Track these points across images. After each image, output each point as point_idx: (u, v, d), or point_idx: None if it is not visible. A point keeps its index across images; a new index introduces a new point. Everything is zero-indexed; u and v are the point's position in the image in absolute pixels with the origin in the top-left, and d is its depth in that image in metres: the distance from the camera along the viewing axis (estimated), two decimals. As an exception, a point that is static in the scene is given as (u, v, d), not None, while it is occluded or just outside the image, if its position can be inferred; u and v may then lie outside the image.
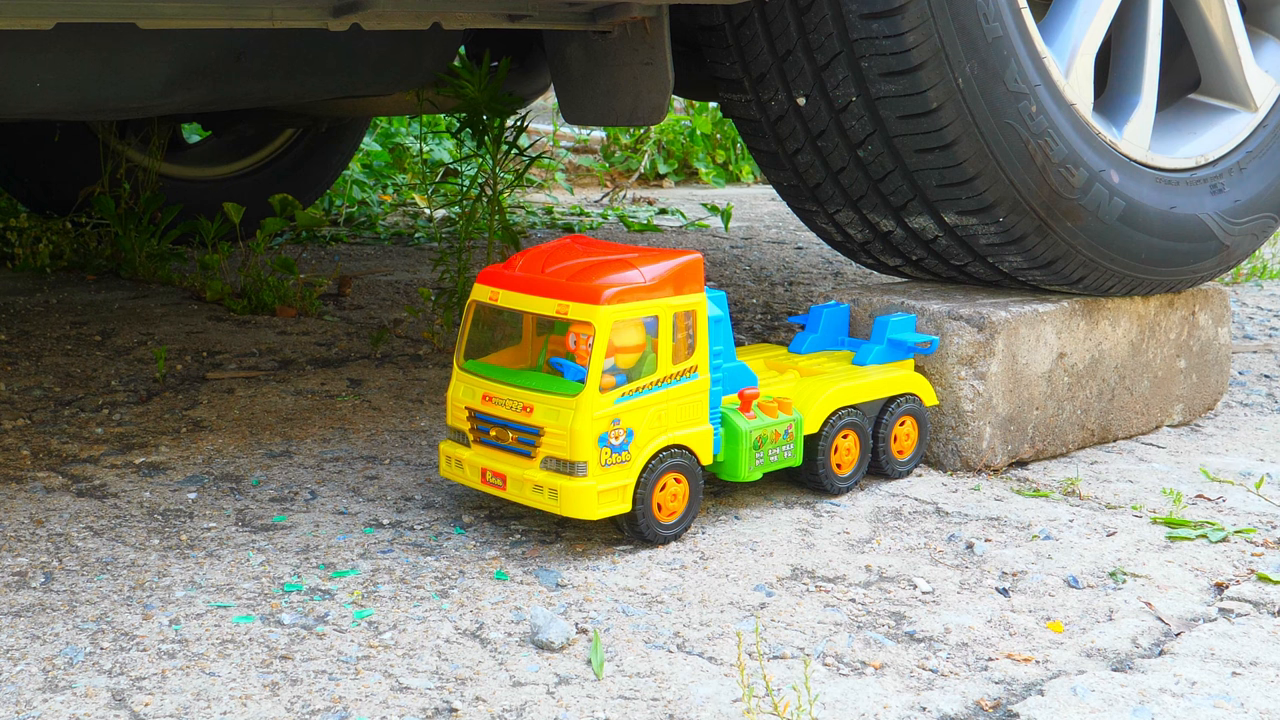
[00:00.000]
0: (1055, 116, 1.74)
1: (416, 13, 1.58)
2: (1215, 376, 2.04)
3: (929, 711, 1.15)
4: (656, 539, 1.47)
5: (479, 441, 1.50)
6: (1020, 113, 1.71)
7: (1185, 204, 1.89)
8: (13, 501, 1.58)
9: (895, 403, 1.69)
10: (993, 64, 1.68)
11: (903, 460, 1.72)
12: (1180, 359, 1.98)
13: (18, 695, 1.13)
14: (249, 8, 1.47)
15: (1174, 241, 1.87)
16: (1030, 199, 1.74)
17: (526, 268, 1.49)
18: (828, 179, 1.84)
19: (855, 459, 1.65)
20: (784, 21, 1.73)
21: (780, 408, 1.56)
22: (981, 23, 1.66)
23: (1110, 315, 1.87)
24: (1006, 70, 1.69)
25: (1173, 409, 1.99)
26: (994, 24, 1.67)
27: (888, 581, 1.43)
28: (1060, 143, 1.74)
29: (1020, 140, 1.71)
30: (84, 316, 2.51)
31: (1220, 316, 2.03)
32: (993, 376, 1.74)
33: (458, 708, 1.13)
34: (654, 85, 1.76)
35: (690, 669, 1.21)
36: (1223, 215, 1.93)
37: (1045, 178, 1.73)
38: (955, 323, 1.74)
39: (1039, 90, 1.72)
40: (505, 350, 1.53)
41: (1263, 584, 1.44)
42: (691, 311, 1.46)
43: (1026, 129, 1.71)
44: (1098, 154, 1.79)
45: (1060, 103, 1.76)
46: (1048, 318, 1.80)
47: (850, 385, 1.64)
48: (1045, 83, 1.74)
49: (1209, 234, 1.91)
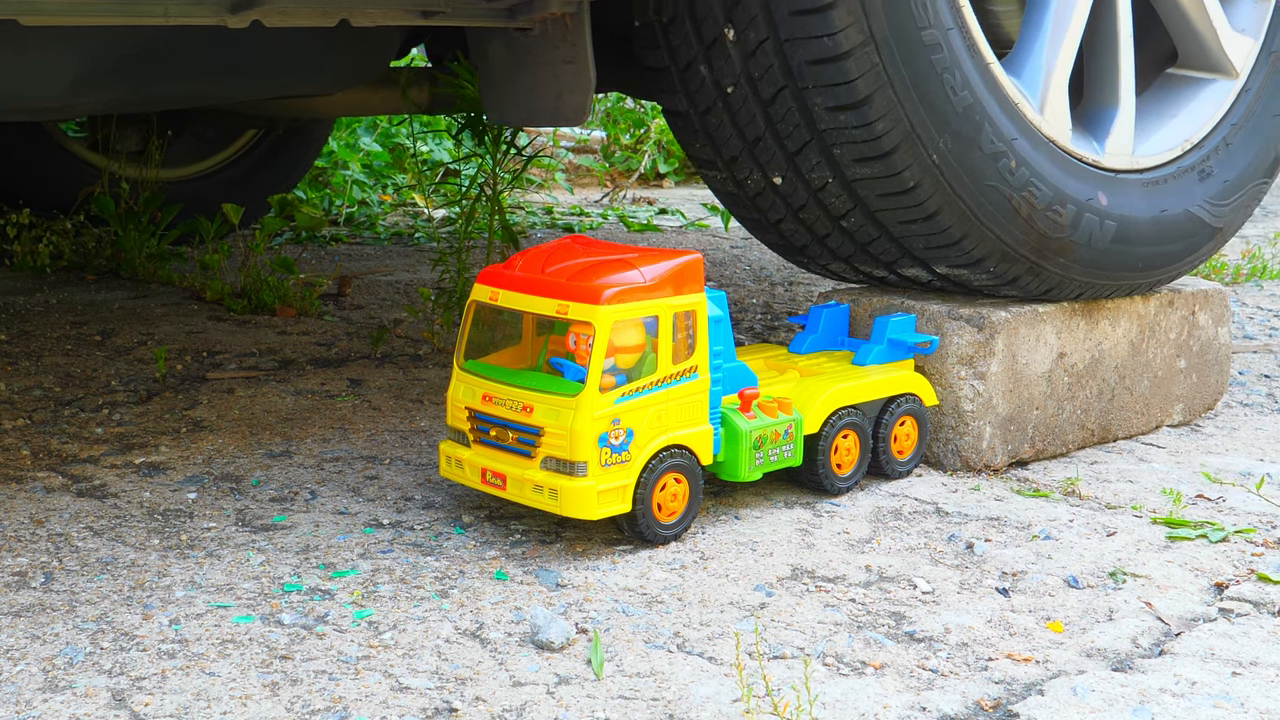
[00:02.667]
0: (1036, 163, 1.72)
1: (320, 9, 1.53)
2: (1215, 376, 2.04)
3: (929, 711, 1.15)
4: (656, 539, 1.47)
5: (479, 442, 1.50)
6: (1000, 171, 1.68)
7: (1175, 203, 1.88)
8: (13, 501, 1.58)
9: (895, 403, 1.69)
10: (967, 133, 1.65)
11: (903, 460, 1.71)
12: (1180, 359, 1.98)
13: (18, 695, 1.13)
14: (140, 4, 1.41)
15: (1167, 244, 1.87)
16: (1019, 247, 1.72)
17: (526, 268, 1.49)
18: (814, 242, 1.82)
19: (855, 459, 1.65)
20: (750, 112, 1.70)
21: (780, 408, 1.56)
22: (950, 96, 1.63)
23: (1110, 315, 1.87)
24: (981, 135, 1.66)
25: (1173, 409, 1.99)
26: (963, 94, 1.64)
27: (888, 581, 1.43)
28: (1044, 187, 1.72)
29: (1003, 197, 1.69)
30: (84, 316, 2.51)
31: (1220, 316, 2.03)
32: (993, 376, 1.74)
33: (458, 708, 1.13)
34: (576, 84, 1.71)
35: (690, 669, 1.21)
36: (1212, 201, 1.92)
37: (1032, 225, 1.72)
38: (955, 323, 1.74)
39: (1016, 144, 1.70)
40: (505, 350, 1.53)
41: (1263, 584, 1.44)
42: (691, 311, 1.46)
43: (1008, 185, 1.69)
44: (1083, 182, 1.77)
45: (1039, 144, 1.73)
46: (1048, 317, 1.80)
47: (850, 385, 1.64)
48: (1023, 132, 1.71)
49: (1200, 225, 1.91)
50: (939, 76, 1.62)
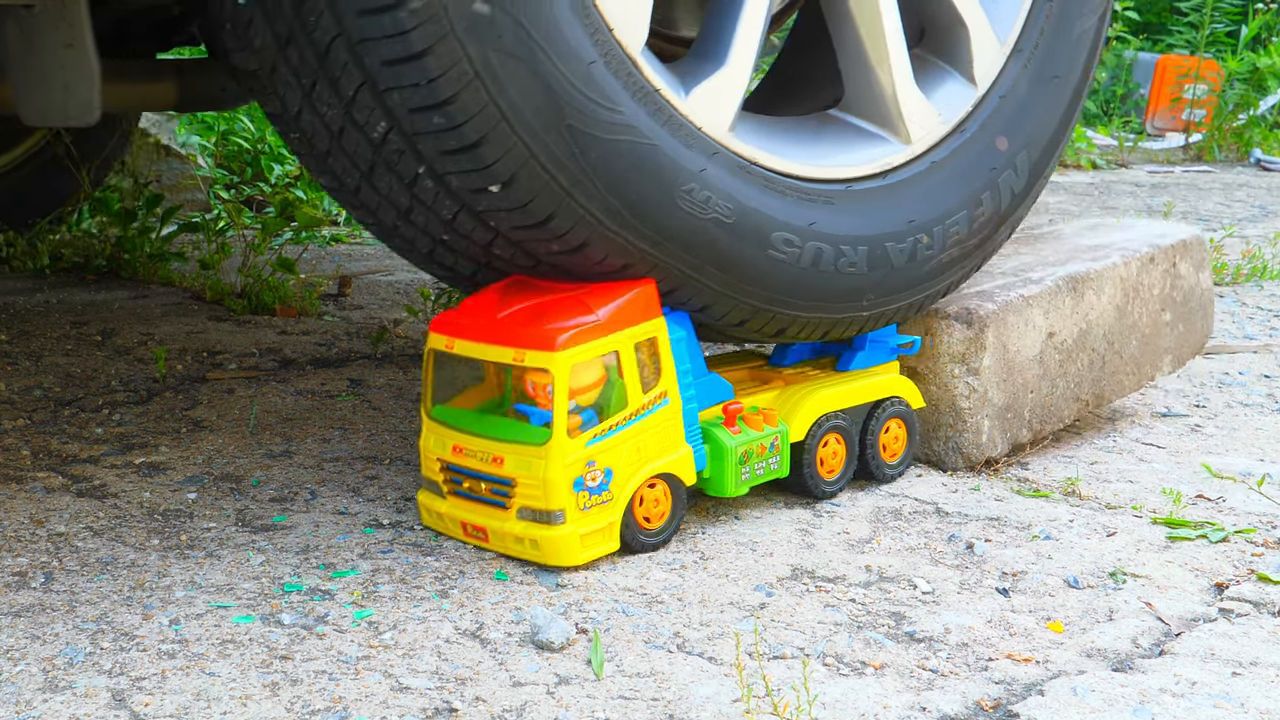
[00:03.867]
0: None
1: None
2: (1200, 322, 2.04)
3: (929, 711, 1.15)
4: (642, 547, 1.46)
5: (454, 494, 1.47)
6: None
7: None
8: (13, 501, 1.58)
9: (881, 406, 1.68)
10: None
11: (892, 464, 1.71)
12: (1165, 312, 1.98)
13: (18, 695, 1.13)
14: None
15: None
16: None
17: (479, 312, 1.45)
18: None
19: (842, 462, 1.64)
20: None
21: (765, 420, 1.55)
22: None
23: (1095, 285, 1.87)
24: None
25: (1162, 361, 2.00)
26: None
27: (888, 581, 1.43)
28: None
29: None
30: (84, 316, 2.51)
31: (1200, 262, 2.03)
32: (986, 370, 1.74)
33: (458, 708, 1.13)
34: (79, 74, 1.48)
35: (690, 669, 1.21)
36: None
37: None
38: (944, 321, 1.74)
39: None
40: (472, 390, 1.50)
41: (1263, 584, 1.44)
42: (652, 338, 1.44)
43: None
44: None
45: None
46: (1034, 301, 1.79)
47: (834, 391, 1.63)
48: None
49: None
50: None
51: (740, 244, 1.49)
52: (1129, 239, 1.99)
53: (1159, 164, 6.17)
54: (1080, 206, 4.60)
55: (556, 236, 1.40)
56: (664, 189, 1.42)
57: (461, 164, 1.36)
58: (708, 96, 1.48)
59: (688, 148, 1.44)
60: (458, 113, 1.32)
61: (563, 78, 1.34)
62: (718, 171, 1.47)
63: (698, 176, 1.45)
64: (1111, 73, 7.06)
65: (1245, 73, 6.51)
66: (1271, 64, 6.58)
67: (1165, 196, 4.93)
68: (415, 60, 1.30)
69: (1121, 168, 5.96)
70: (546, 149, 1.34)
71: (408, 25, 1.28)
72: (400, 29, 1.29)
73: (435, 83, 1.31)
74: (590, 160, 1.37)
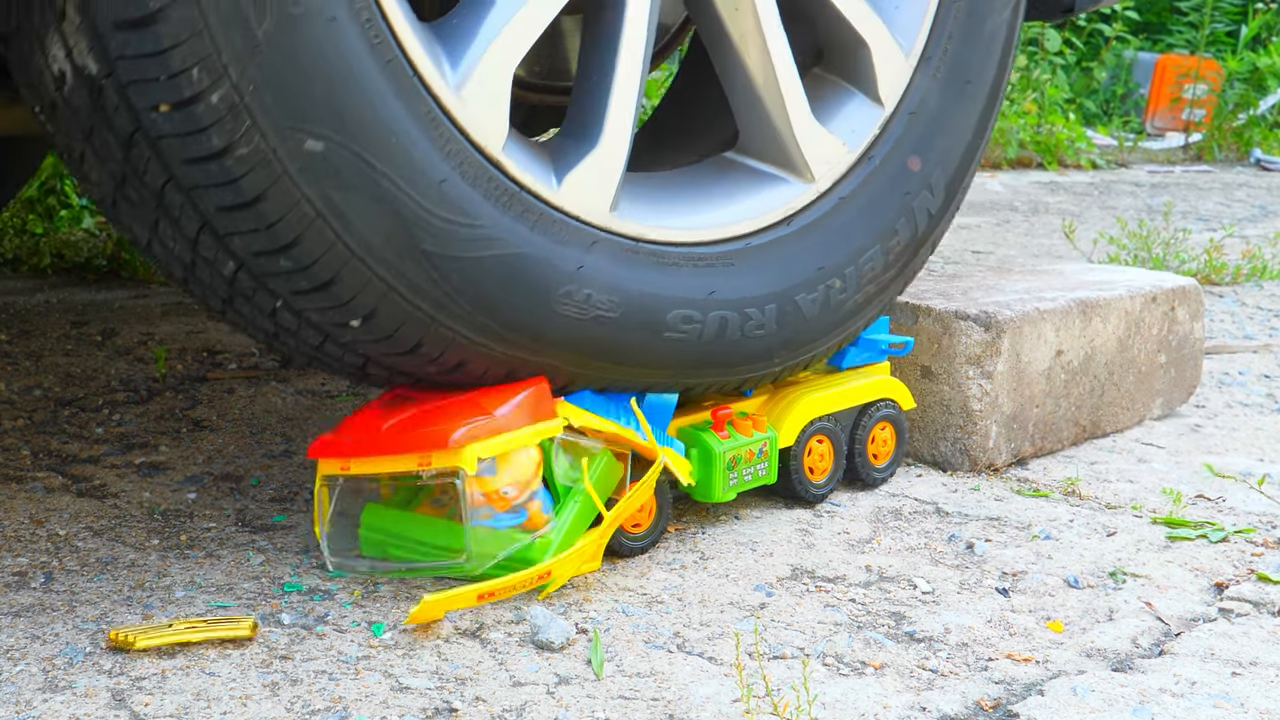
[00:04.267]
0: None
1: None
2: (1190, 371, 2.07)
3: (929, 711, 1.15)
4: (628, 551, 1.46)
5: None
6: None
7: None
8: (13, 501, 1.58)
9: (871, 409, 1.67)
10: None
11: (879, 467, 1.69)
12: (1161, 354, 2.00)
13: (18, 695, 1.13)
14: None
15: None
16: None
17: (364, 427, 1.36)
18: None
19: (829, 466, 1.63)
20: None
21: (754, 425, 1.53)
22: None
23: (1102, 313, 1.88)
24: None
25: (1154, 403, 2.01)
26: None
27: (888, 581, 1.43)
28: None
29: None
30: (84, 316, 2.51)
31: (1195, 311, 2.05)
32: (999, 375, 1.75)
33: (458, 708, 1.13)
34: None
35: (690, 669, 1.21)
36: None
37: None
38: (963, 322, 1.74)
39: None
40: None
41: (1263, 584, 1.44)
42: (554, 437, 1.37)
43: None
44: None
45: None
46: (1049, 316, 1.80)
47: (824, 395, 1.61)
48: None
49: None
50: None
51: (631, 335, 1.40)
52: (1131, 279, 2.01)
53: (1159, 164, 6.17)
54: (1080, 206, 4.60)
55: (430, 360, 1.33)
56: (538, 296, 1.33)
57: (318, 302, 1.27)
58: (583, 182, 1.38)
59: (562, 245, 1.35)
60: (304, 255, 1.23)
61: (412, 202, 1.25)
62: (599, 262, 1.37)
63: (575, 276, 1.35)
64: (1111, 73, 7.06)
65: (1245, 73, 6.51)
66: (1271, 64, 6.58)
67: (1165, 196, 4.93)
68: (250, 207, 1.20)
69: (1121, 167, 5.96)
70: (404, 278, 1.26)
71: (237, 173, 1.18)
72: (229, 177, 1.18)
73: (275, 227, 1.21)
74: (453, 282, 1.28)
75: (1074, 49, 6.78)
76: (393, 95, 1.23)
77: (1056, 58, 6.35)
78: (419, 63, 1.25)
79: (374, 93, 1.22)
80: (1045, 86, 5.93)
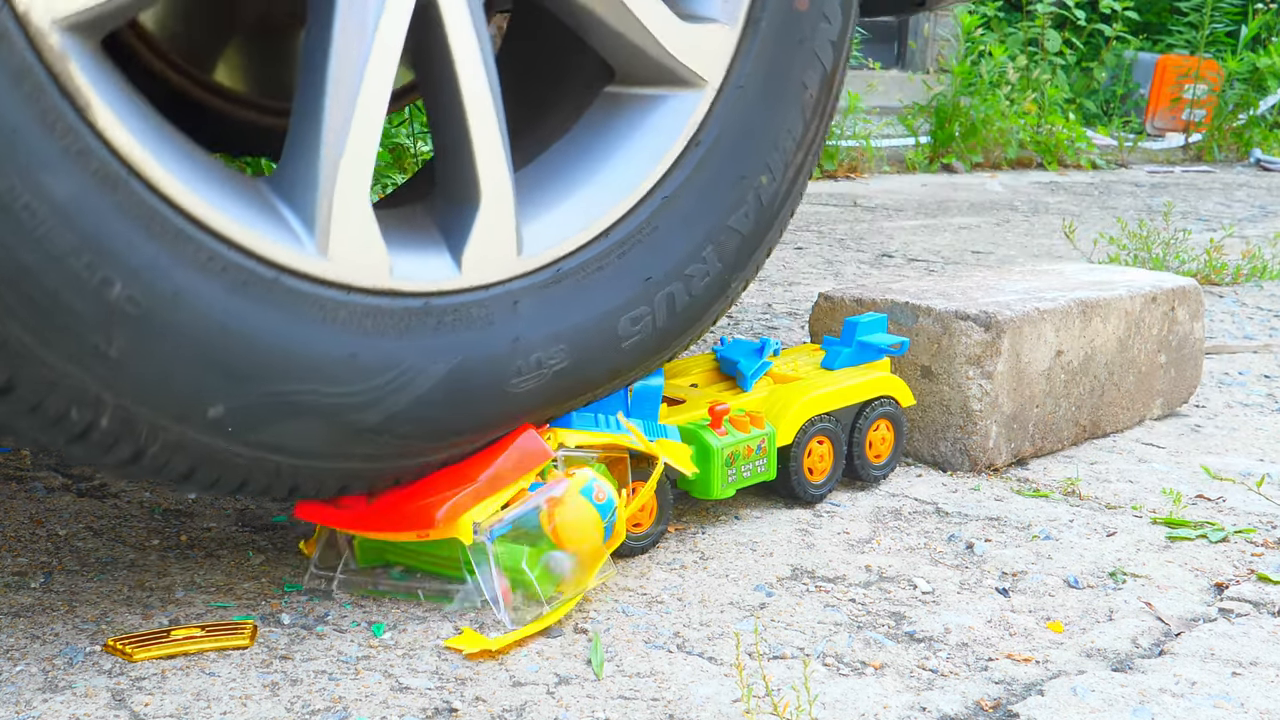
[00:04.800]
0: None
1: None
2: (1190, 371, 2.07)
3: (929, 711, 1.15)
4: (629, 550, 1.46)
5: None
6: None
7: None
8: (13, 501, 1.58)
9: (871, 406, 1.67)
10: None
11: (878, 465, 1.69)
12: (1161, 354, 2.00)
13: (18, 695, 1.13)
14: None
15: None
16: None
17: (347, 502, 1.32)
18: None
19: (829, 466, 1.63)
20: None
21: (753, 422, 1.53)
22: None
23: (1101, 313, 1.88)
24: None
25: (1154, 403, 2.02)
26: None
27: (888, 581, 1.43)
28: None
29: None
30: (84, 316, 2.51)
31: (1195, 311, 2.05)
32: (999, 375, 1.75)
33: (458, 708, 1.13)
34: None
35: (690, 669, 1.21)
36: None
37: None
38: (963, 322, 1.75)
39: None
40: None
41: (1263, 584, 1.44)
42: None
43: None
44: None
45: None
46: (1049, 316, 1.80)
47: (823, 394, 1.60)
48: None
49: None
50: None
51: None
52: (1131, 279, 2.02)
53: (1159, 164, 6.17)
54: (1080, 206, 4.60)
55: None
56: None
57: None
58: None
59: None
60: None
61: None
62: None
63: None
64: (1111, 73, 7.06)
65: (1245, 73, 6.51)
66: (1271, 64, 6.58)
67: (1165, 196, 4.93)
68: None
69: (1121, 168, 5.96)
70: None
71: None
72: None
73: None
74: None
75: (1074, 49, 6.79)
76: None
77: (1056, 58, 6.35)
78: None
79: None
80: (1045, 86, 5.93)
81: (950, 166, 5.53)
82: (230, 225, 1.11)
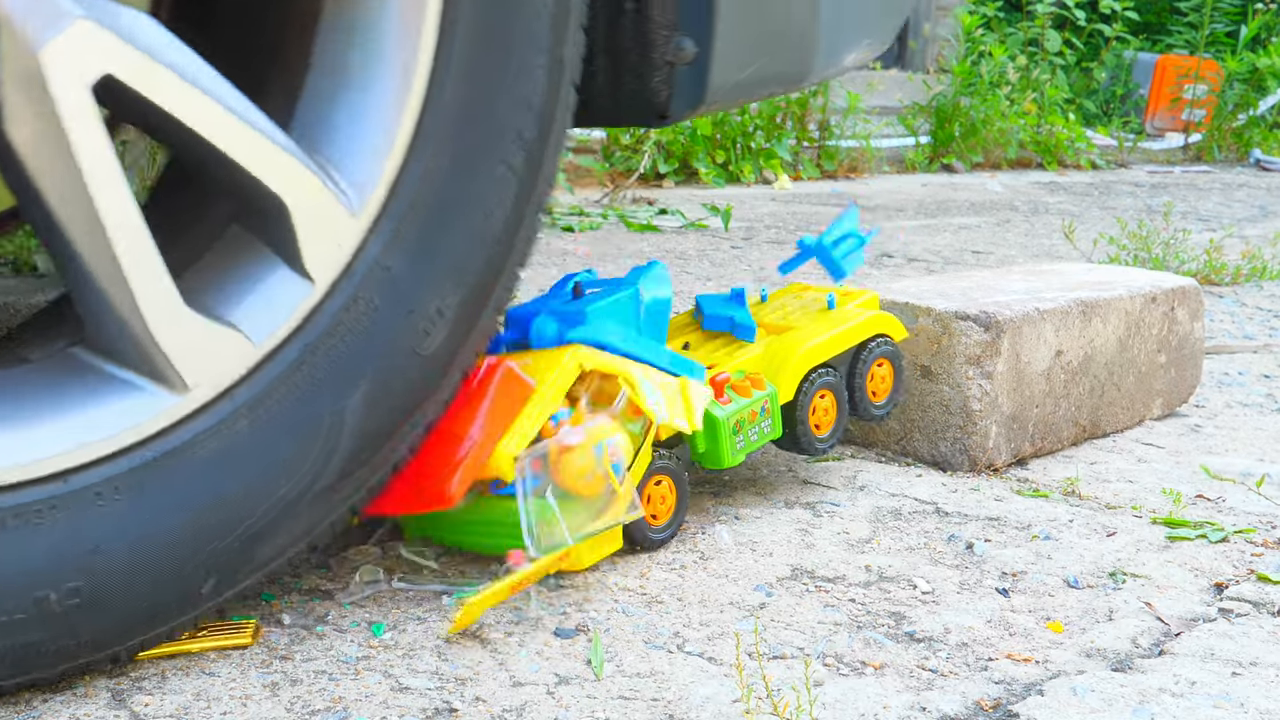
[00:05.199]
0: None
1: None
2: (1190, 371, 2.07)
3: (929, 711, 1.15)
4: (650, 544, 1.46)
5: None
6: None
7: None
8: (13, 501, 1.58)
9: (868, 347, 1.66)
10: None
11: (878, 403, 1.68)
12: (1161, 354, 2.00)
13: (18, 695, 1.13)
14: None
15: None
16: None
17: None
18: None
19: (834, 419, 1.62)
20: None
21: (754, 384, 1.53)
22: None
23: (1101, 313, 1.88)
24: None
25: (1154, 403, 2.02)
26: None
27: (888, 581, 1.43)
28: None
29: None
30: (84, 316, 2.51)
31: (1195, 311, 2.06)
32: (999, 375, 1.75)
33: (458, 708, 1.13)
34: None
35: (690, 669, 1.21)
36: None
37: None
38: (963, 322, 1.75)
39: None
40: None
41: (1263, 584, 1.44)
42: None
43: None
44: None
45: None
46: (1048, 316, 1.81)
47: (820, 343, 1.60)
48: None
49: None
50: None
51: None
52: (1131, 279, 2.02)
53: (1159, 164, 6.17)
54: (1080, 207, 4.60)
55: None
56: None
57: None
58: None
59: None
60: None
61: None
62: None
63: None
64: (1111, 73, 7.06)
65: (1245, 73, 6.51)
66: (1271, 64, 6.58)
67: (1165, 196, 4.93)
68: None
69: (1121, 168, 5.96)
70: None
71: None
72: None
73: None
74: None
75: (1074, 49, 6.79)
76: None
77: (1056, 58, 6.35)
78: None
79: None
80: (1045, 87, 5.93)
81: (950, 166, 5.54)
82: None
